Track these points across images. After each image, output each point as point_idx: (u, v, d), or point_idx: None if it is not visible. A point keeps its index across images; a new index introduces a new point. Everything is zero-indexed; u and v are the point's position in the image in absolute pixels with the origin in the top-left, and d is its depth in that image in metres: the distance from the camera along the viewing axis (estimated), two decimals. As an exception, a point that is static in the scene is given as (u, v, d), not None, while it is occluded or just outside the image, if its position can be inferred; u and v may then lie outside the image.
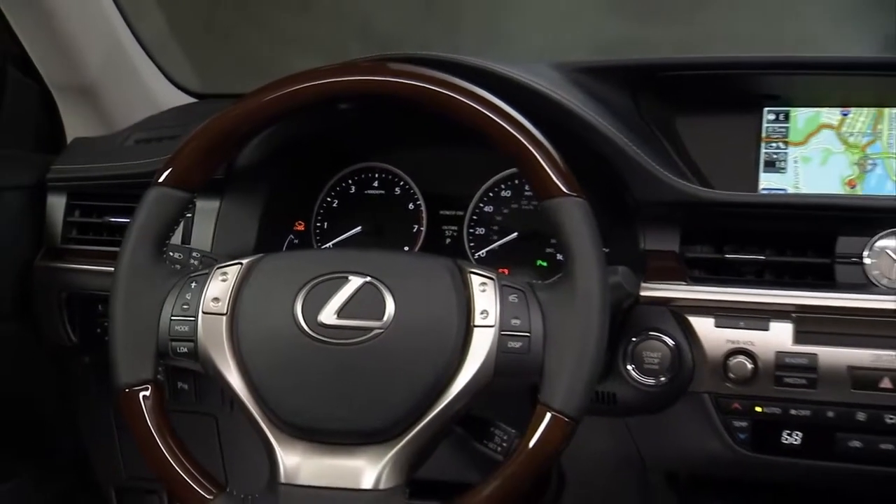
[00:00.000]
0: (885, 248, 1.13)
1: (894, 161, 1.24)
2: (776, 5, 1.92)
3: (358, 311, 1.00)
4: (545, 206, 1.02)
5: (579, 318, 0.98)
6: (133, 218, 1.07)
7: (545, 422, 0.97)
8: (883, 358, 1.11)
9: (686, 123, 1.30)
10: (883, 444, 1.12)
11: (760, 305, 1.14)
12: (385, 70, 1.06)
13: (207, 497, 1.01)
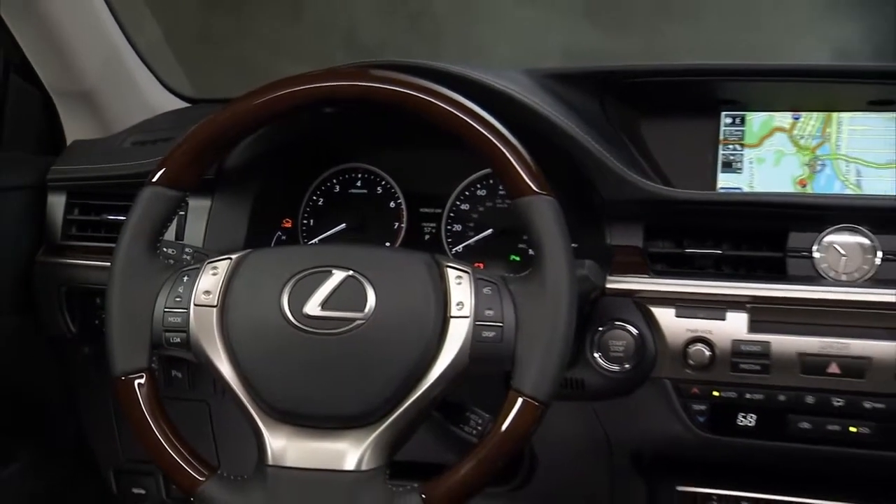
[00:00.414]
0: (832, 243, 1.14)
1: (842, 162, 1.25)
2: (734, 18, 1.93)
3: (341, 303, 1.00)
4: (517, 204, 1.02)
5: (549, 308, 0.99)
6: (128, 216, 1.07)
7: (517, 406, 0.97)
8: (831, 345, 1.11)
9: (649, 127, 1.31)
10: (830, 425, 1.13)
11: (718, 297, 1.15)
12: (368, 76, 1.07)
13: (199, 478, 1.01)
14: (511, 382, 0.98)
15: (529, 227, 1.01)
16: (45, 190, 1.39)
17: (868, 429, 1.12)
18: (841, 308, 1.12)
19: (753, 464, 1.20)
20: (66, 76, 1.45)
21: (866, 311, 1.11)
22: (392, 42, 2.04)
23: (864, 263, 1.13)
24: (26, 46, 1.41)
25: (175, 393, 1.32)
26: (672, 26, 1.97)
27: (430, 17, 2.12)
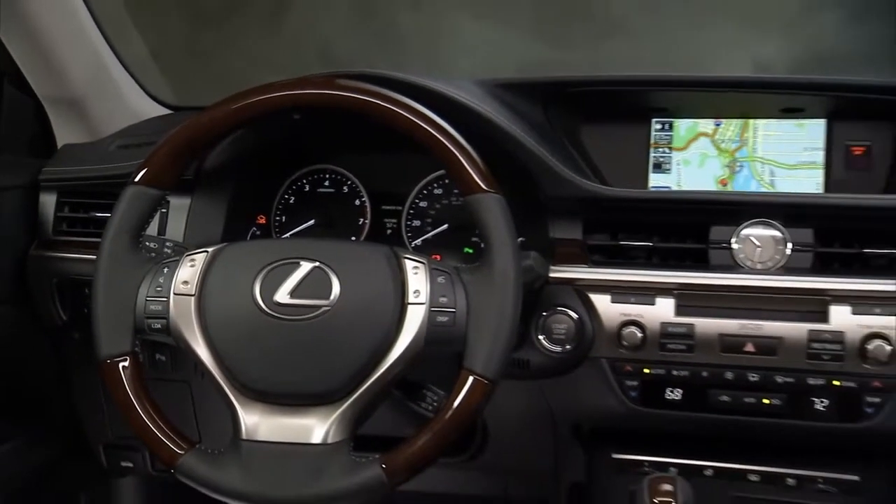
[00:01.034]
0: (749, 236, 1.15)
1: (758, 163, 1.27)
2: (667, 36, 1.94)
3: (308, 291, 1.01)
4: (468, 201, 1.03)
5: (497, 296, 1.00)
6: (112, 213, 1.07)
7: (468, 384, 0.98)
8: (747, 326, 1.13)
9: (588, 132, 1.31)
10: (746, 397, 1.14)
11: (648, 284, 1.16)
12: (333, 85, 1.07)
13: (178, 451, 1.01)
14: (463, 362, 0.99)
15: (479, 222, 1.02)
16: (38, 189, 1.37)
17: (779, 400, 1.14)
18: (756, 293, 1.14)
19: (680, 433, 1.21)
20: (56, 85, 1.44)
21: (778, 296, 1.13)
22: (361, 55, 2.03)
23: (777, 254, 1.14)
24: (19, 58, 1.40)
25: (159, 374, 1.31)
26: (612, 42, 1.98)
27: (395, 34, 2.11)
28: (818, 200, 1.19)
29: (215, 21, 2.19)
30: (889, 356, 1.09)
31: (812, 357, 1.11)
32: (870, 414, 1.11)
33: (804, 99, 1.24)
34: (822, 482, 1.19)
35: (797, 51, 1.90)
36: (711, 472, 1.21)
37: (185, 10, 2.17)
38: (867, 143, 1.24)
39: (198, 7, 2.17)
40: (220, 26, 2.19)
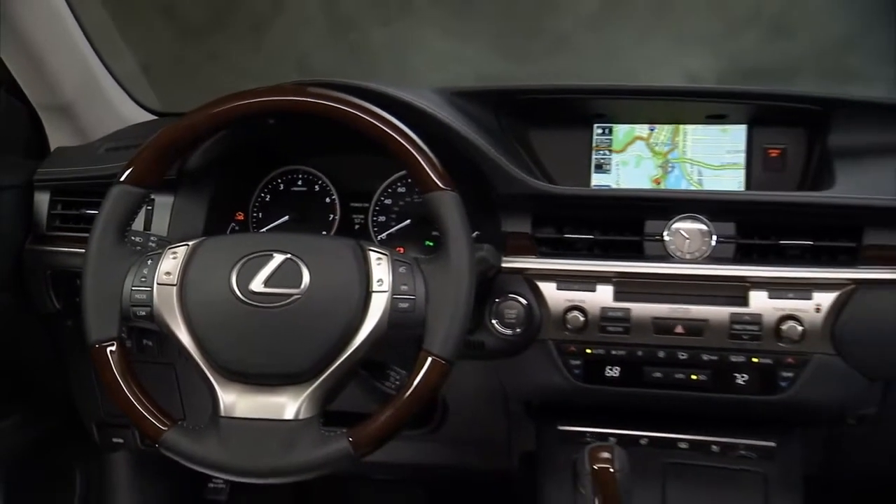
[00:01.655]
0: (679, 229, 1.16)
1: (687, 164, 1.28)
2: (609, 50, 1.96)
3: (280, 281, 1.00)
4: (427, 199, 1.03)
5: (453, 284, 1.00)
6: (100, 209, 1.06)
7: (427, 364, 0.98)
8: (677, 310, 1.14)
9: (537, 135, 1.31)
10: (676, 374, 1.15)
11: (590, 273, 1.16)
12: (304, 92, 1.07)
13: (162, 428, 1.00)
14: (422, 344, 0.99)
15: (437, 218, 1.02)
16: (32, 189, 1.35)
17: (706, 376, 1.15)
18: (685, 281, 1.14)
19: (618, 406, 1.21)
20: (48, 94, 1.41)
21: (704, 283, 1.14)
22: (337, 67, 2.02)
23: (703, 245, 1.15)
24: (14, 69, 1.38)
25: (146, 358, 1.30)
26: (561, 56, 1.99)
27: (368, 48, 2.11)
28: (740, 197, 1.20)
29: (201, 35, 2.16)
30: (800, 335, 1.10)
31: (734, 337, 1.12)
32: (784, 387, 1.13)
33: (727, 107, 1.25)
34: (743, 448, 1.20)
35: (723, 65, 1.92)
36: (646, 440, 1.22)
37: (173, 25, 2.15)
38: (783, 147, 1.26)
39: (185, 22, 2.15)
40: (206, 40, 2.17)
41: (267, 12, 2.12)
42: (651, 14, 1.96)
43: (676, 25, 1.95)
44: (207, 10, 2.14)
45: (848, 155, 1.18)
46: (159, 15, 2.14)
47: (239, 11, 2.14)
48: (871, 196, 1.11)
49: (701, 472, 1.21)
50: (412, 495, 1.80)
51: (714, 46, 1.93)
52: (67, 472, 1.56)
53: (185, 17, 2.15)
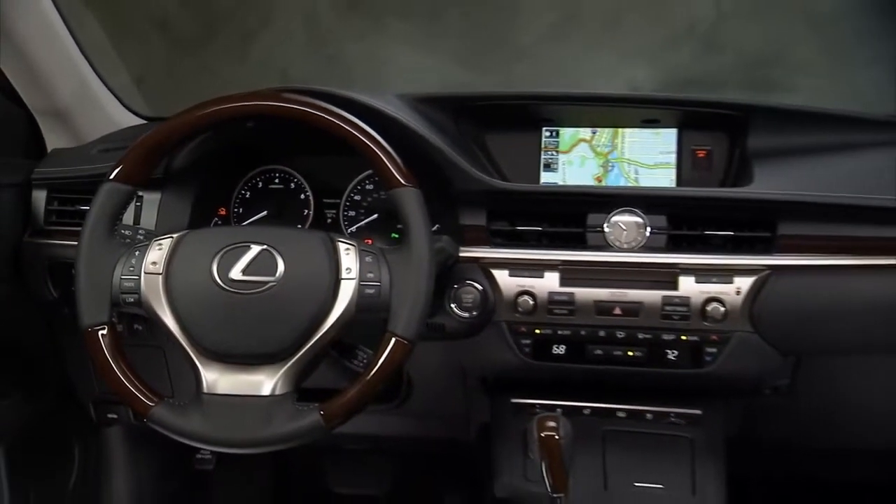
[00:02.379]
0: (617, 221, 1.16)
1: (625, 164, 1.28)
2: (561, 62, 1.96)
3: (257, 269, 1.00)
4: (390, 194, 1.03)
5: (414, 272, 1.00)
6: (91, 205, 1.05)
7: (391, 344, 0.98)
8: (616, 294, 1.14)
9: (491, 137, 1.31)
10: (615, 351, 1.16)
11: (538, 261, 1.17)
12: (279, 98, 1.06)
13: (149, 404, 1.00)
14: (387, 326, 0.99)
15: (400, 212, 1.02)
16: (31, 187, 1.33)
17: (641, 352, 1.16)
18: (623, 268, 1.15)
19: (564, 380, 1.22)
20: (44, 99, 1.39)
21: (639, 269, 1.15)
22: (315, 77, 2.01)
23: (638, 236, 1.16)
24: (12, 77, 1.36)
25: (137, 341, 1.28)
26: (518, 66, 1.99)
27: (343, 60, 2.09)
28: (671, 193, 1.21)
29: (192, 48, 2.14)
30: (723, 315, 1.11)
31: (665, 317, 1.13)
32: (709, 361, 1.14)
33: (659, 112, 1.26)
34: (673, 416, 1.21)
35: (661, 76, 1.93)
36: (588, 410, 1.23)
37: (166, 39, 2.12)
38: (708, 148, 1.26)
39: (177, 36, 2.13)
40: (196, 52, 2.14)
41: (252, 28, 2.10)
42: (599, 30, 1.97)
43: (621, 41, 1.95)
44: (198, 25, 2.12)
45: (764, 155, 1.19)
46: (154, 29, 2.11)
47: (226, 27, 2.12)
48: (784, 192, 1.12)
49: (636, 438, 1.22)
50: (380, 464, 1.80)
51: (654, 59, 1.94)
52: (66, 446, 1.54)
53: (178, 31, 2.13)
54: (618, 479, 1.19)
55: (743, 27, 1.88)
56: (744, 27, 1.88)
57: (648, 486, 1.18)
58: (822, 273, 1.11)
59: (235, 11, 2.10)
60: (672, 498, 1.16)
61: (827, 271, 1.11)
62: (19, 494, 1.40)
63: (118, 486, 1.60)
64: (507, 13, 2.00)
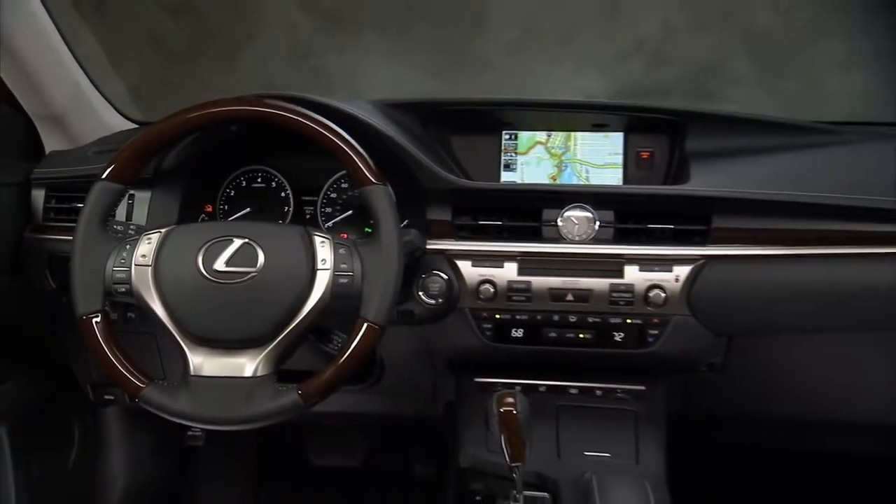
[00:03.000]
0: (570, 216, 1.16)
1: (577, 164, 1.28)
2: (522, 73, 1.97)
3: (239, 261, 0.99)
4: (362, 192, 1.02)
5: (384, 262, 0.99)
6: (84, 203, 1.03)
7: (363, 329, 0.97)
8: (568, 282, 1.14)
9: (456, 140, 1.30)
10: (568, 333, 1.16)
11: (498, 252, 1.16)
12: (261, 103, 1.05)
13: (140, 385, 0.98)
14: (359, 313, 0.98)
15: (370, 208, 1.01)
16: (30, 186, 1.31)
17: (591, 335, 1.16)
18: (574, 258, 1.15)
19: (522, 361, 1.22)
20: (42, 106, 1.36)
21: (589, 260, 1.15)
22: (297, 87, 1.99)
23: (588, 229, 1.15)
24: (12, 85, 1.33)
25: (130, 328, 1.26)
26: (484, 77, 2.00)
27: (324, 71, 2.08)
28: (617, 190, 1.21)
29: (183, 60, 2.12)
30: (664, 301, 1.12)
31: (612, 303, 1.14)
32: (651, 342, 1.15)
33: (608, 117, 1.26)
34: (620, 392, 1.22)
35: (612, 85, 1.95)
36: (544, 388, 1.23)
37: (160, 52, 2.10)
38: (651, 150, 1.27)
39: (170, 49, 2.10)
40: (187, 64, 2.12)
41: (239, 42, 2.08)
42: (556, 45, 1.97)
43: (576, 55, 1.97)
44: (189, 39, 2.10)
45: (700, 156, 1.20)
46: (150, 43, 2.09)
47: (215, 41, 2.10)
48: (717, 189, 1.13)
49: (586, 412, 1.22)
50: (356, 439, 1.79)
51: (605, 71, 1.95)
52: (66, 425, 1.52)
53: (171, 44, 2.10)
54: (570, 448, 1.19)
55: (685, 43, 1.90)
56: (686, 43, 1.90)
57: (597, 455, 1.18)
58: (751, 262, 1.12)
59: (223, 26, 2.08)
60: (618, 465, 1.17)
61: (756, 260, 1.12)
62: (22, 471, 1.37)
63: (115, 461, 1.58)
64: (473, 29, 2.00)
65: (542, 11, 1.98)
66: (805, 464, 1.62)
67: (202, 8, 2.09)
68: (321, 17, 2.07)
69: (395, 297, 0.98)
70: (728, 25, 1.88)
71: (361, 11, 2.05)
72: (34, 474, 1.41)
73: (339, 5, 2.06)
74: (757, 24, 1.85)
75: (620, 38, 1.94)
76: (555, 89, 1.95)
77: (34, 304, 1.36)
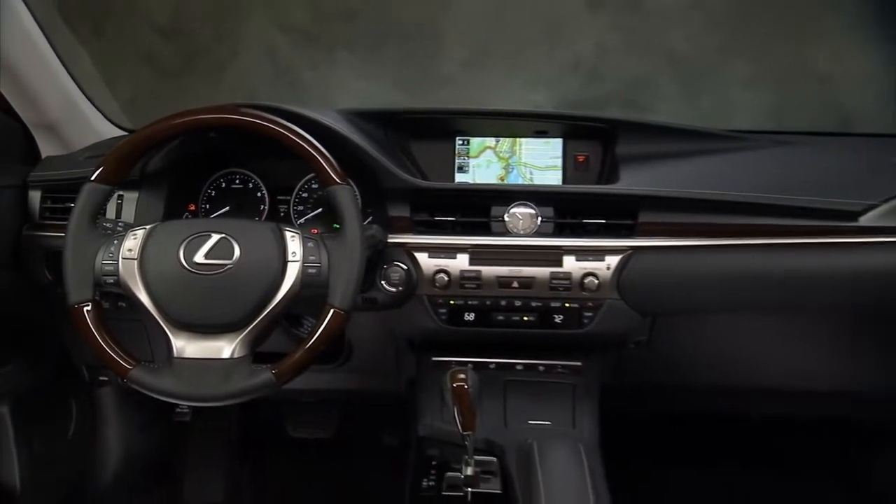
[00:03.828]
0: (515, 213, 1.15)
1: (522, 166, 1.27)
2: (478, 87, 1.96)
3: (217, 254, 0.96)
4: (328, 191, 1.00)
5: (348, 254, 0.97)
6: (75, 202, 1.00)
7: (329, 314, 0.95)
8: (514, 271, 1.13)
9: (415, 145, 1.28)
10: (514, 316, 1.15)
11: (452, 245, 1.15)
12: (236, 111, 1.02)
13: (127, 367, 0.95)
14: (326, 300, 0.96)
15: (335, 206, 0.99)
16: (27, 188, 1.25)
17: (534, 317, 1.15)
18: (519, 249, 1.14)
19: (474, 341, 1.21)
20: (36, 114, 1.31)
21: (532, 251, 1.14)
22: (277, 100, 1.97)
23: (531, 224, 1.15)
24: (9, 96, 1.28)
25: (121, 316, 1.21)
26: (445, 90, 2.00)
27: (301, 85, 2.06)
28: (557, 189, 1.21)
29: (174, 76, 2.08)
30: (597, 286, 1.12)
31: (552, 289, 1.13)
32: (586, 323, 1.15)
33: (548, 125, 1.25)
34: (560, 367, 1.21)
35: (556, 98, 1.96)
36: (493, 365, 1.22)
37: (153, 69, 2.05)
38: (587, 154, 1.26)
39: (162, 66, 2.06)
40: (178, 79, 2.08)
41: (225, 59, 2.05)
42: (508, 63, 1.98)
43: (524, 72, 1.97)
44: (179, 57, 2.06)
45: (629, 160, 1.20)
46: (144, 61, 2.05)
47: (203, 59, 2.06)
48: (642, 189, 1.14)
49: (530, 386, 1.21)
50: (329, 413, 1.77)
51: (550, 86, 1.96)
52: (64, 403, 1.47)
53: (163, 62, 2.06)
54: (515, 418, 1.19)
55: (619, 63, 1.91)
56: (619, 63, 1.91)
57: (539, 423, 1.18)
58: (672, 252, 1.13)
59: (210, 46, 2.05)
60: (557, 431, 1.17)
61: (676, 250, 1.13)
62: (24, 444, 1.32)
63: (109, 436, 1.54)
64: (433, 49, 1.99)
65: (493, 34, 1.98)
66: (721, 425, 1.65)
67: (191, 30, 2.05)
68: (298, 38, 2.04)
69: (358, 285, 0.96)
70: (653, 48, 1.90)
71: (334, 32, 2.03)
72: (35, 448, 1.37)
73: (314, 27, 2.04)
74: (677, 48, 1.88)
75: (561, 57, 1.95)
76: (505, 102, 1.95)
77: (33, 295, 1.31)
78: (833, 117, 1.76)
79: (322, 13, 2.06)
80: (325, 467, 1.72)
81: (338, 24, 2.06)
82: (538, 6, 1.99)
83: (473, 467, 1.05)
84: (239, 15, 2.07)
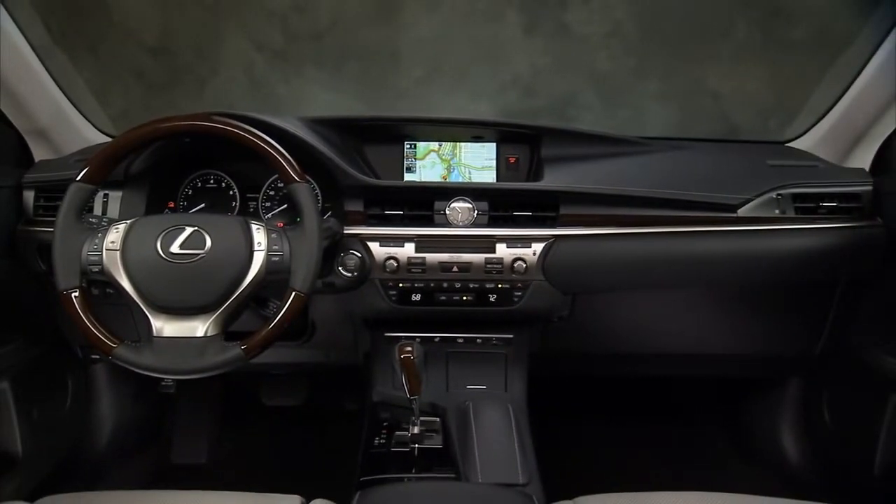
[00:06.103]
0: (455, 207, 1.15)
1: (463, 167, 1.27)
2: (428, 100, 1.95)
3: (191, 244, 0.93)
4: (289, 188, 0.98)
5: (307, 244, 0.96)
6: (62, 200, 0.96)
7: (292, 297, 0.94)
8: (454, 257, 1.13)
9: (369, 148, 1.26)
10: (454, 296, 1.15)
11: (401, 235, 1.14)
12: (207, 119, 0.98)
13: (112, 345, 0.93)
14: (289, 284, 0.94)
15: (296, 202, 0.97)
16: (22, 188, 1.20)
17: (471, 297, 1.15)
18: (458, 238, 1.14)
19: (421, 319, 1.20)
20: (27, 121, 1.25)
21: (470, 239, 1.14)
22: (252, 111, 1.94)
23: (469, 216, 1.15)
24: (3, 106, 1.22)
25: (109, 301, 1.17)
26: (402, 102, 1.97)
27: (275, 98, 2.01)
28: (491, 186, 1.20)
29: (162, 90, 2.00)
30: (525, 270, 1.13)
31: (487, 272, 1.13)
32: (516, 301, 1.16)
33: (484, 131, 1.25)
34: (494, 340, 1.22)
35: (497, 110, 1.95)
36: (437, 339, 1.22)
37: (142, 83, 1.98)
38: (517, 156, 1.27)
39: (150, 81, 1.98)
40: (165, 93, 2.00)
41: (206, 75, 1.99)
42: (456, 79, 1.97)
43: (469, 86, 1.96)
44: (166, 73, 1.98)
45: (553, 161, 1.20)
46: (134, 77, 1.97)
47: (187, 75, 1.99)
48: (563, 185, 1.14)
49: (469, 356, 1.22)
50: (298, 383, 1.75)
51: (491, 99, 1.95)
52: (61, 378, 1.41)
53: (151, 78, 1.99)
54: (456, 384, 1.19)
55: (550, 80, 1.92)
56: (550, 80, 1.92)
57: (476, 388, 1.18)
58: (589, 239, 1.14)
59: (193, 64, 1.98)
60: (491, 394, 1.17)
61: (592, 238, 1.14)
62: (24, 415, 1.27)
63: (102, 407, 1.49)
64: (390, 66, 1.96)
65: (443, 55, 1.97)
66: (629, 385, 1.68)
67: (176, 50, 1.99)
68: (272, 56, 1.99)
69: (317, 270, 0.95)
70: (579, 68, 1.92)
71: (303, 51, 1.99)
72: (35, 418, 1.31)
73: (287, 47, 1.99)
74: (599, 68, 1.90)
75: (501, 75, 1.94)
76: (453, 112, 1.94)
77: (29, 282, 1.25)
78: (722, 127, 1.82)
79: (293, 34, 2.01)
80: (295, 430, 1.70)
81: (307, 43, 2.01)
82: (482, 32, 1.99)
83: (419, 426, 1.05)
84: (219, 36, 2.01)
